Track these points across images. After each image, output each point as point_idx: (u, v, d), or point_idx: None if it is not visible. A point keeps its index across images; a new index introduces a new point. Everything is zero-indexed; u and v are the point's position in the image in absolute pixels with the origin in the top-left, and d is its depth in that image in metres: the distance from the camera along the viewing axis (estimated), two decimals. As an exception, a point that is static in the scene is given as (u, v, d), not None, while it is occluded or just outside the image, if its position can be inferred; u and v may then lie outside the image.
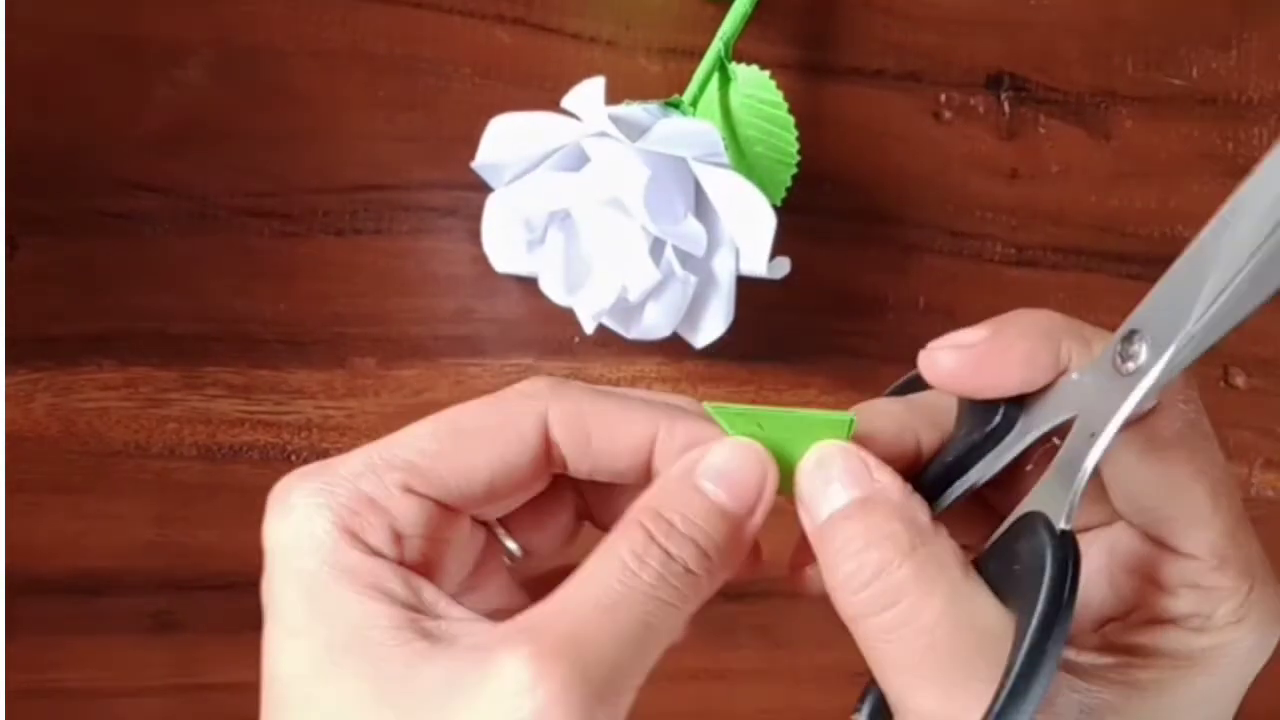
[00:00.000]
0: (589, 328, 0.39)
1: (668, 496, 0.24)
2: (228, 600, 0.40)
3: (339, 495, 0.23)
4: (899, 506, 0.23)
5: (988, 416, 0.24)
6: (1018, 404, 0.24)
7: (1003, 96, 0.45)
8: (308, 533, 0.22)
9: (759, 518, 0.24)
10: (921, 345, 0.45)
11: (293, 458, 0.41)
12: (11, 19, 0.39)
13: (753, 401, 0.44)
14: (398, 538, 0.23)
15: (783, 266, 0.39)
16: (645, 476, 0.25)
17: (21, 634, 0.39)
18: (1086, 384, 0.23)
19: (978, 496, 0.25)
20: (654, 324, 0.39)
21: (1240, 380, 0.47)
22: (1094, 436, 0.22)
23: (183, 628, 0.41)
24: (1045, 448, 0.24)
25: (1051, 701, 0.22)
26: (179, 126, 0.40)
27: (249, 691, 0.23)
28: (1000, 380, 0.24)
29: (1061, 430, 0.23)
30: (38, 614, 0.40)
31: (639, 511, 0.23)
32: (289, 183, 0.41)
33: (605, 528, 0.27)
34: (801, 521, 0.24)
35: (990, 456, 0.25)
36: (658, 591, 0.22)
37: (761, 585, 0.45)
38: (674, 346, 0.41)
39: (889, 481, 0.24)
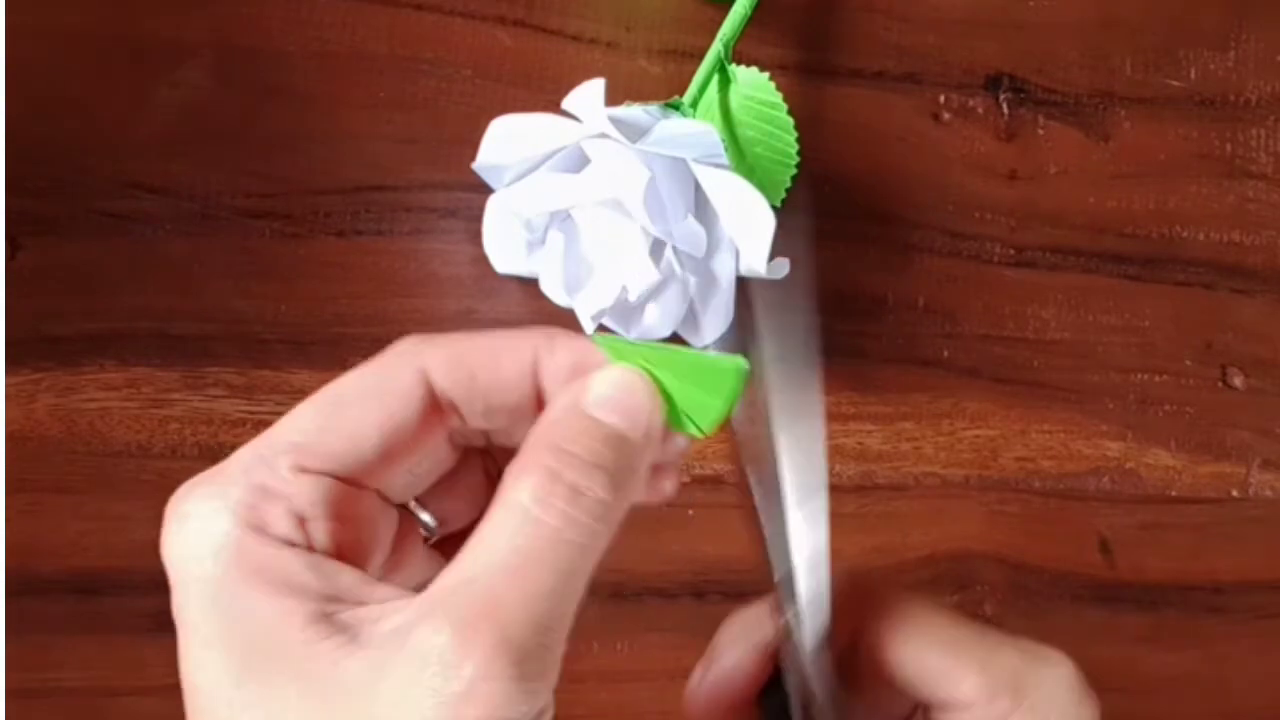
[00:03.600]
0: (589, 328, 0.39)
1: (563, 429, 0.23)
2: (228, 600, 0.40)
3: (234, 493, 0.22)
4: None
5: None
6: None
7: (1002, 98, 0.45)
8: (207, 537, 0.22)
9: (653, 442, 0.24)
10: (921, 345, 0.45)
11: (293, 458, 0.41)
12: (11, 19, 0.39)
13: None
14: (301, 521, 0.22)
15: (782, 266, 0.39)
16: (537, 407, 0.25)
17: (21, 634, 0.39)
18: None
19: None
20: (654, 324, 0.39)
21: (1238, 380, 0.47)
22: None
23: (183, 628, 0.41)
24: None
25: None
26: (180, 127, 0.40)
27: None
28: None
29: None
30: (38, 614, 0.40)
31: (536, 450, 0.23)
32: (290, 184, 0.41)
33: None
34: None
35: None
36: (566, 534, 0.21)
37: (761, 585, 0.45)
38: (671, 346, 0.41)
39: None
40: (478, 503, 0.27)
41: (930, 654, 0.27)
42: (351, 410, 0.23)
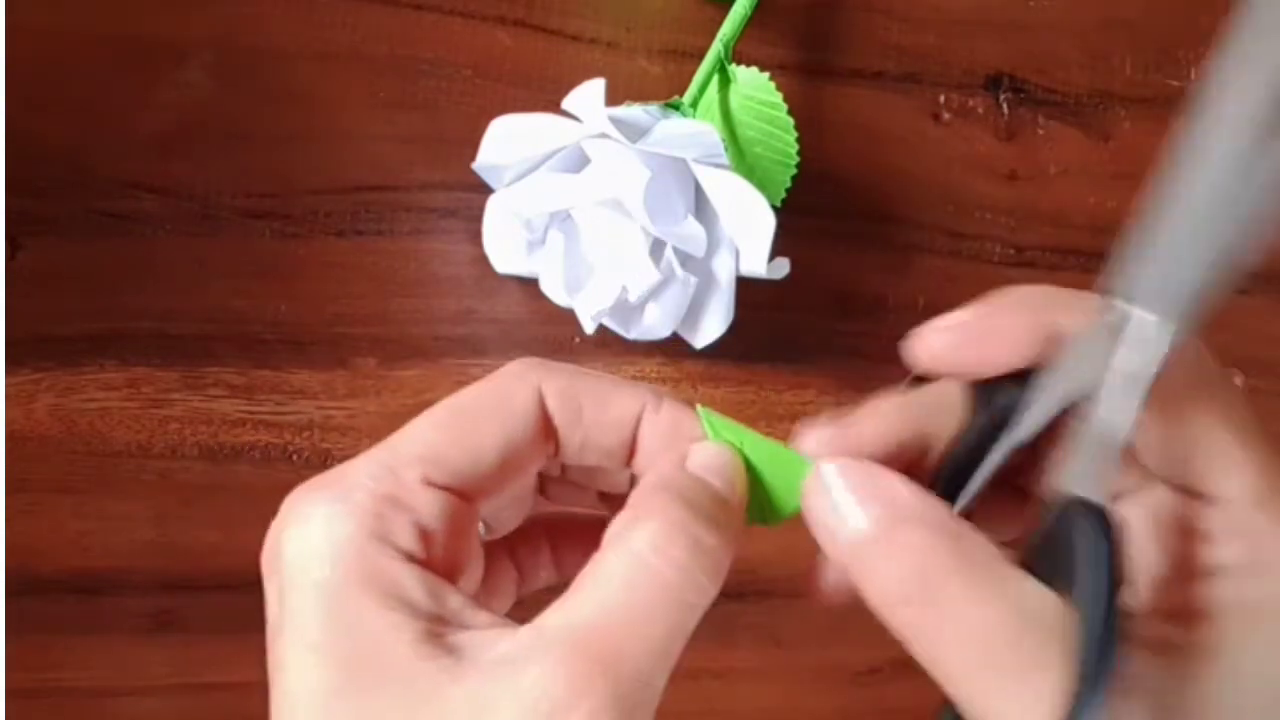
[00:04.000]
0: (589, 328, 0.39)
1: (682, 484, 0.23)
2: (228, 600, 0.40)
3: (359, 499, 0.22)
4: (920, 514, 0.23)
5: (995, 398, 0.24)
6: (1022, 382, 0.23)
7: (1002, 98, 0.45)
8: (329, 541, 0.22)
9: (742, 520, 0.24)
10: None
11: (294, 458, 0.41)
12: (11, 19, 0.39)
13: (752, 402, 0.44)
14: (424, 535, 0.22)
15: (783, 267, 0.39)
16: (627, 456, 0.25)
17: (21, 634, 0.39)
18: (1095, 353, 0.22)
19: (1002, 482, 0.25)
20: (654, 324, 0.39)
21: (1239, 380, 0.47)
22: (1116, 405, 0.22)
23: (183, 628, 0.41)
24: (1064, 422, 0.23)
25: (1124, 683, 0.21)
26: (180, 127, 0.40)
27: (249, 691, 0.23)
28: (993, 355, 0.23)
29: (1078, 403, 0.23)
30: (38, 614, 0.40)
31: (655, 498, 0.23)
32: (290, 183, 0.41)
33: (553, 499, 0.28)
34: (823, 546, 0.24)
35: (1005, 440, 0.24)
36: (685, 594, 0.22)
37: (761, 585, 0.45)
38: (674, 347, 0.41)
39: (901, 489, 0.23)
40: (522, 507, 0.28)
41: (1212, 435, 0.23)
42: (474, 426, 0.23)
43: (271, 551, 0.22)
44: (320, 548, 0.22)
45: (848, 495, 0.23)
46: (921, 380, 0.26)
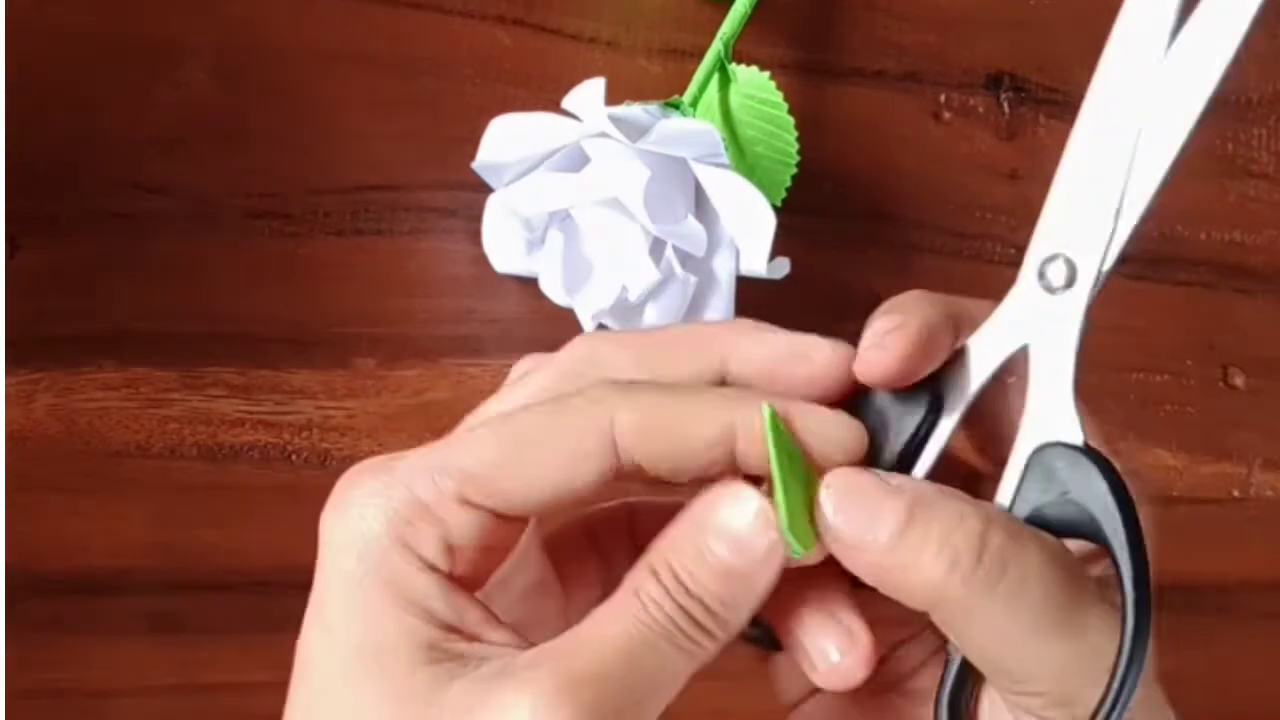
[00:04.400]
0: (589, 328, 0.39)
1: (679, 552, 0.23)
2: (228, 600, 0.40)
3: (395, 499, 0.22)
4: (940, 491, 0.23)
5: (926, 395, 0.25)
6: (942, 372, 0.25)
7: (1002, 97, 0.45)
8: (359, 534, 0.22)
9: (769, 575, 0.23)
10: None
11: (293, 458, 0.41)
12: (12, 19, 0.39)
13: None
14: (450, 550, 0.22)
15: (783, 266, 0.39)
16: (731, 464, 0.23)
17: (21, 634, 0.39)
18: (1020, 315, 0.25)
19: (948, 470, 0.25)
20: (654, 324, 0.39)
21: (1240, 380, 0.47)
22: (1055, 351, 0.24)
23: (183, 628, 0.41)
24: (998, 390, 0.25)
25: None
26: (180, 127, 0.40)
27: (249, 691, 0.23)
28: (928, 365, 0.24)
29: (1010, 364, 0.24)
30: (38, 614, 0.40)
31: (655, 557, 0.23)
32: (289, 183, 0.41)
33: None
34: (855, 563, 0.23)
35: (944, 424, 0.25)
36: (674, 639, 0.22)
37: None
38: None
39: (910, 482, 0.23)
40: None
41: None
42: (533, 455, 0.23)
43: (320, 527, 0.23)
44: (350, 540, 0.22)
45: (872, 499, 0.23)
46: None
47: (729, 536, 0.23)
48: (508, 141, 0.38)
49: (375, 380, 0.41)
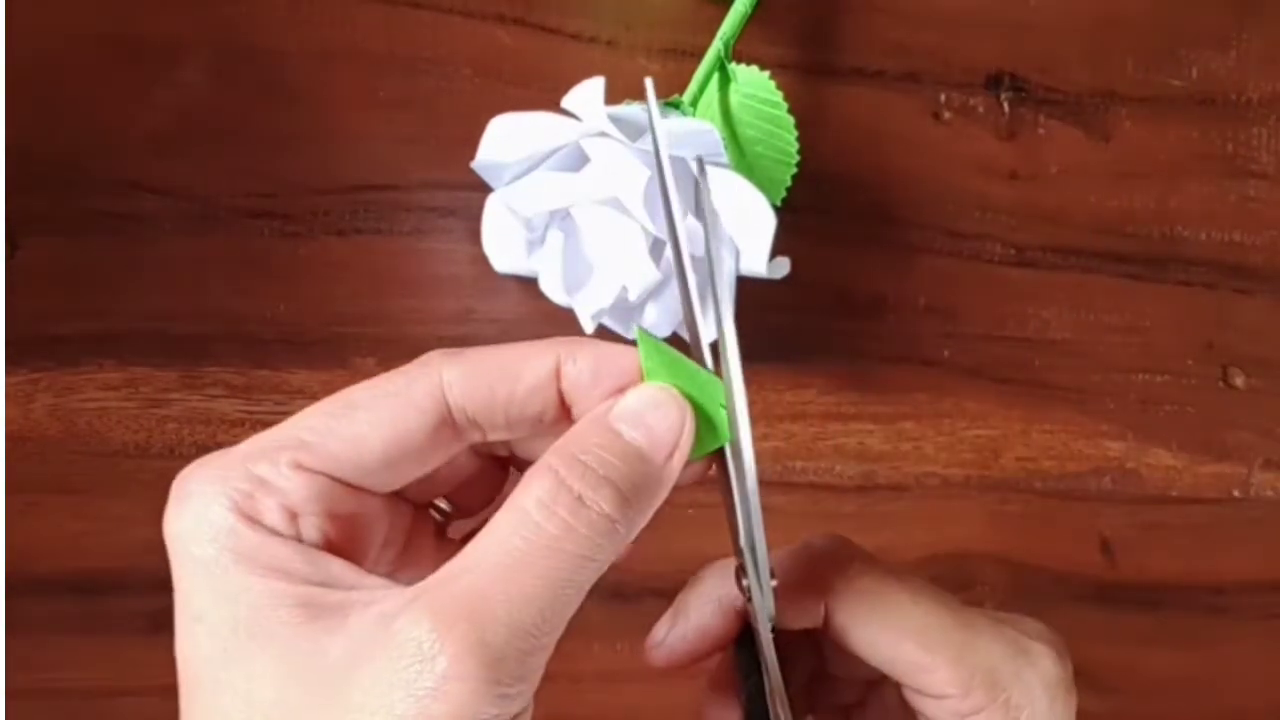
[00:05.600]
0: (589, 328, 0.39)
1: (580, 438, 0.23)
2: (228, 600, 0.40)
3: (232, 480, 0.23)
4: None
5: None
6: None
7: (1002, 97, 0.45)
8: (205, 520, 0.22)
9: (676, 465, 0.23)
10: (922, 345, 0.46)
11: (293, 458, 0.41)
12: (11, 19, 0.39)
13: (752, 402, 0.43)
14: (293, 516, 0.23)
15: (783, 266, 0.39)
16: (564, 415, 0.24)
17: (21, 634, 0.39)
18: None
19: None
20: (654, 324, 0.39)
21: (1239, 380, 0.47)
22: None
23: (183, 628, 0.41)
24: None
25: None
26: (179, 127, 0.40)
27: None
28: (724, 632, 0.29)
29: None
30: (38, 614, 0.40)
31: (551, 455, 0.23)
32: (289, 183, 0.41)
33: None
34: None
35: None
36: (564, 543, 0.21)
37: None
38: (673, 346, 0.41)
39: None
40: (488, 484, 0.28)
41: (904, 643, 0.27)
42: (360, 416, 0.24)
43: (165, 525, 0.23)
44: (198, 528, 0.22)
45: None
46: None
47: (638, 416, 0.23)
48: (507, 141, 0.38)
49: (375, 380, 0.41)
